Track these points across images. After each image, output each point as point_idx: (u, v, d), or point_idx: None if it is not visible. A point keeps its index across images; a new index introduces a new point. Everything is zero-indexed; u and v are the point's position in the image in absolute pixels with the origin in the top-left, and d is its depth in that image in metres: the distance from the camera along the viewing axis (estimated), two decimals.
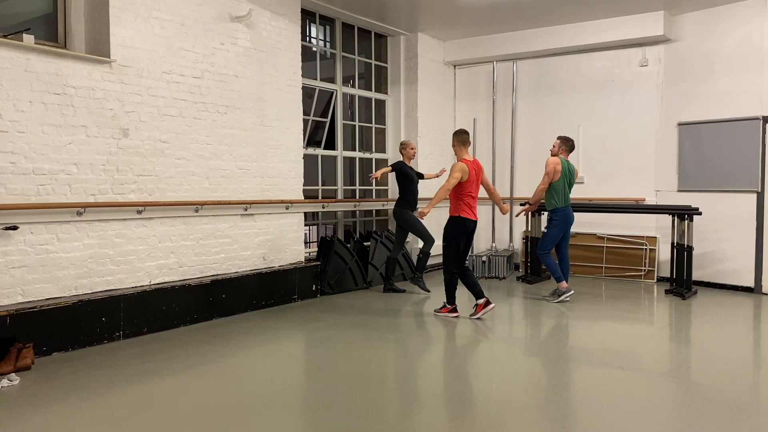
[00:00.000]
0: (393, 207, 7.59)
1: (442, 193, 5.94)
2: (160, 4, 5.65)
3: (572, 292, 6.93)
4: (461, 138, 6.14)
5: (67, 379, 4.19)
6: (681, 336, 5.71)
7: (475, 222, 6.09)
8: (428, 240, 7.36)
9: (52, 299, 4.86)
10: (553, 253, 7.07)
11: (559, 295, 6.90)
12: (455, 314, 6.13)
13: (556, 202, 6.90)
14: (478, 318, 6.02)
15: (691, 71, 8.01)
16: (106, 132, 5.25)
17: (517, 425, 3.44)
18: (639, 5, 7.76)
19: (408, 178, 7.39)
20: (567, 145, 7.04)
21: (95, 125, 5.17)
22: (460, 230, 6.01)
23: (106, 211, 5.24)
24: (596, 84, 8.76)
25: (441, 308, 6.26)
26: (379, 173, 7.18)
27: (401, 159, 7.48)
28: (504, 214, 6.42)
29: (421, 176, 7.66)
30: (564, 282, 6.90)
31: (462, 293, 6.25)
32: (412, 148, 7.50)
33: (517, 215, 8.10)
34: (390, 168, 7.42)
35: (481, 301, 6.07)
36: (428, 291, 7.45)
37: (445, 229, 6.12)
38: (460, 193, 5.98)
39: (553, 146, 7.08)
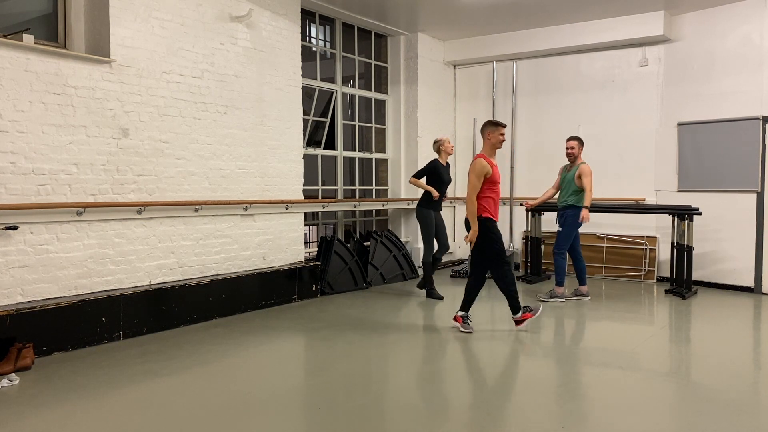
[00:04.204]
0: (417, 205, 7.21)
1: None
2: (160, 4, 5.65)
3: (564, 301, 6.89)
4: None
5: (67, 379, 4.19)
6: (681, 336, 5.70)
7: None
8: (427, 250, 7.09)
9: (52, 299, 4.86)
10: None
11: (552, 297, 6.89)
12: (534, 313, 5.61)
13: (576, 200, 6.83)
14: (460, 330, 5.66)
15: (691, 71, 8.01)
16: (106, 132, 5.25)
17: (517, 425, 3.44)
18: (639, 5, 7.76)
19: (438, 177, 7.01)
20: (582, 144, 6.98)
21: (95, 125, 5.18)
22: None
23: (106, 211, 5.24)
24: (596, 84, 8.76)
25: (522, 315, 5.62)
26: (427, 188, 6.93)
27: (437, 158, 7.08)
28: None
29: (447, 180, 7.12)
30: (562, 288, 6.90)
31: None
32: (449, 143, 7.08)
33: (583, 221, 6.85)
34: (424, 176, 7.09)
35: (460, 314, 5.66)
36: (441, 298, 7.08)
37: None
38: None
39: (572, 147, 6.88)
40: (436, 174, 7.02)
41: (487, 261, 5.51)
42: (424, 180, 7.10)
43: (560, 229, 6.93)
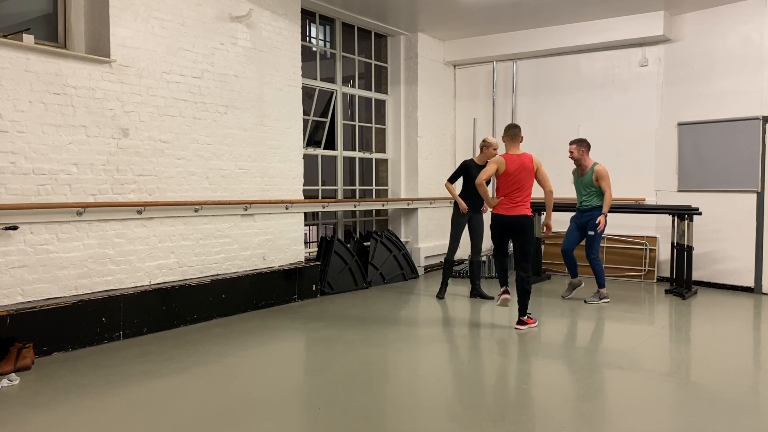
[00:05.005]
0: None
1: (480, 188, 5.74)
2: (160, 4, 5.65)
3: (609, 300, 6.90)
4: (508, 133, 5.80)
5: (67, 379, 4.19)
6: (681, 336, 5.70)
7: (507, 217, 5.61)
8: (449, 249, 7.05)
9: (52, 299, 4.86)
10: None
11: (602, 299, 6.85)
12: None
13: (601, 201, 6.81)
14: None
15: (691, 71, 8.01)
16: (106, 132, 5.25)
17: (516, 425, 3.44)
18: (639, 5, 7.76)
19: (468, 177, 6.90)
20: (585, 145, 6.91)
21: (95, 125, 5.17)
22: (493, 227, 5.80)
23: (106, 211, 5.24)
24: (596, 84, 8.75)
25: (527, 318, 5.72)
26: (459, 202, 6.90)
27: (471, 157, 6.97)
28: (545, 234, 6.05)
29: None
30: (605, 289, 6.89)
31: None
32: (494, 149, 6.81)
33: (600, 230, 6.95)
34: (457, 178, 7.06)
35: (502, 290, 5.80)
36: (491, 297, 6.97)
37: None
38: (500, 187, 5.72)
39: (571, 152, 6.86)
40: (467, 173, 6.97)
41: (529, 256, 5.69)
42: (458, 183, 7.06)
43: (591, 233, 6.81)
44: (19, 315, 4.55)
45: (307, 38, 8.51)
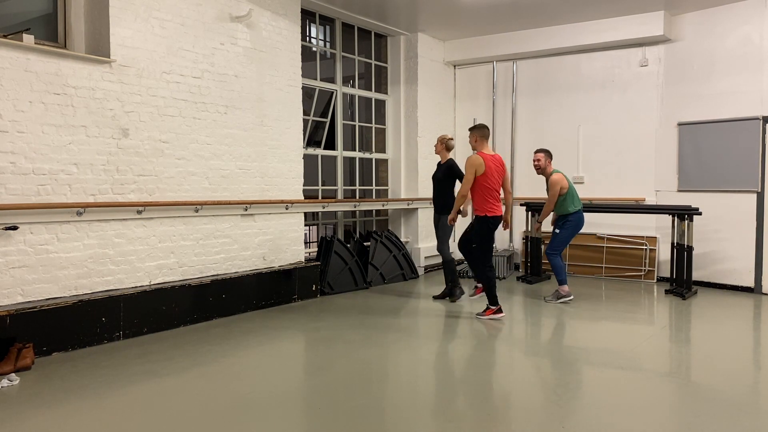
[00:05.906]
0: None
1: (460, 200, 5.94)
2: (160, 4, 5.65)
3: (572, 297, 6.93)
4: (482, 132, 6.03)
5: (67, 379, 4.19)
6: (681, 336, 5.70)
7: (501, 217, 6.03)
8: (440, 249, 7.05)
9: (52, 299, 4.86)
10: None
11: (559, 298, 6.89)
12: (501, 314, 6.07)
13: (570, 206, 6.87)
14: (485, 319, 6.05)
15: (691, 71, 8.01)
16: (106, 132, 5.25)
17: (517, 425, 3.44)
18: (639, 5, 7.76)
19: (434, 177, 7.17)
20: (551, 156, 7.05)
21: (95, 125, 5.18)
22: (490, 230, 5.92)
23: (106, 211, 5.24)
24: (596, 84, 8.75)
25: (484, 311, 6.13)
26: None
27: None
28: (504, 229, 6.36)
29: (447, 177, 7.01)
30: (566, 286, 6.91)
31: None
32: (436, 144, 7.10)
33: (537, 229, 8.28)
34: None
35: (494, 307, 6.07)
36: (442, 297, 7.14)
37: (473, 230, 6.12)
38: (484, 188, 5.87)
39: (539, 160, 6.98)
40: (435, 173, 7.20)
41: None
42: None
43: (557, 231, 6.95)
44: (19, 315, 4.55)
45: (307, 38, 8.52)
